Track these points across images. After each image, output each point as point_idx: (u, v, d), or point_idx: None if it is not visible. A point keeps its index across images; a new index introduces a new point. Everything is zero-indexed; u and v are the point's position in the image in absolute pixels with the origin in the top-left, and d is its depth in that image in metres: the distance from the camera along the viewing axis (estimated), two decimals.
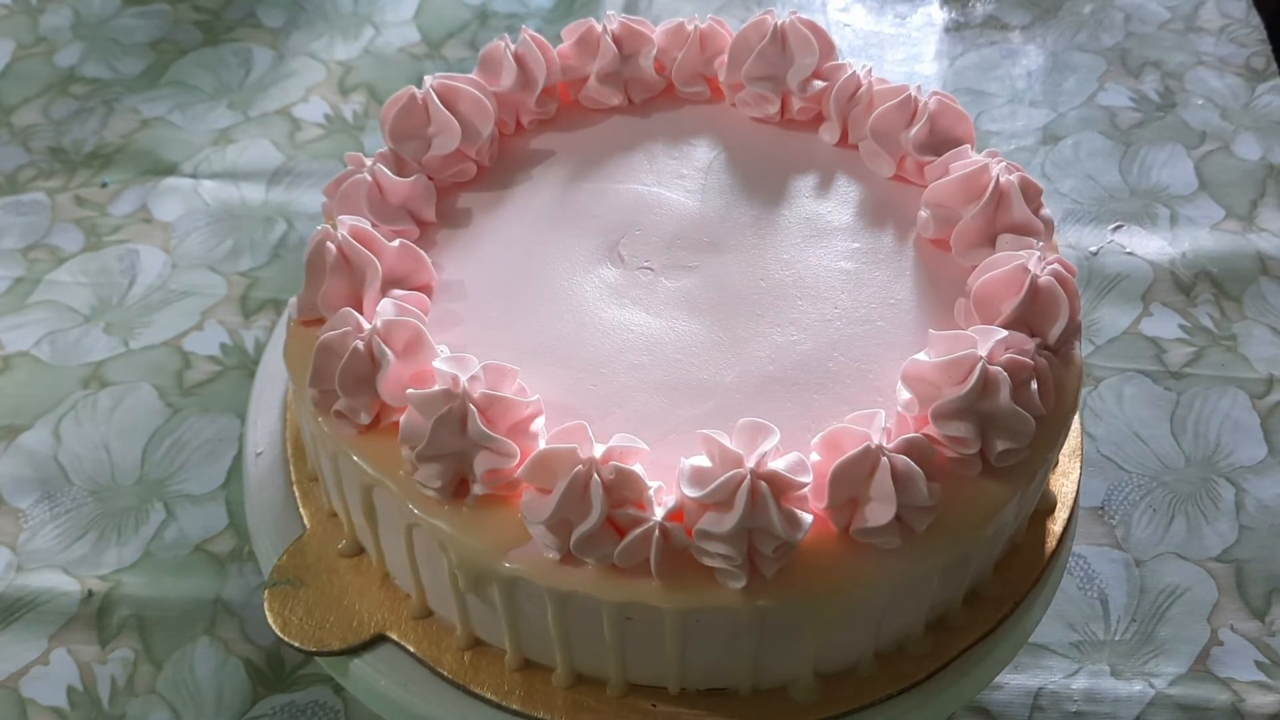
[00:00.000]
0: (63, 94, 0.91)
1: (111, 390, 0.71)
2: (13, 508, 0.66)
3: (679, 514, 0.44)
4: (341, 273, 0.50)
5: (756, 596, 0.43)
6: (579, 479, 0.43)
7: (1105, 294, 0.77)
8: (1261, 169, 0.85)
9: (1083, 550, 0.65)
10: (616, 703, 0.48)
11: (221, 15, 0.98)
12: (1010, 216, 0.52)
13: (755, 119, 0.60)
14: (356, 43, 0.95)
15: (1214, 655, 0.61)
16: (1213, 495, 0.67)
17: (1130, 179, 0.85)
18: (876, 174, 0.57)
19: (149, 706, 0.59)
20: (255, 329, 0.75)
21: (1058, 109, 0.90)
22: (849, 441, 0.44)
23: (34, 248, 0.79)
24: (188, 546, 0.64)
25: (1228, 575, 0.64)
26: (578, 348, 0.50)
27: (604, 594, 0.44)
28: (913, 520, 0.44)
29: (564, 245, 0.54)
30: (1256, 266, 0.78)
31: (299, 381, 0.49)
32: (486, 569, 0.45)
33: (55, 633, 0.61)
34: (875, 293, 0.52)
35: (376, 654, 0.50)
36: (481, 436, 0.44)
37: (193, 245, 0.80)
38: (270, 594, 0.51)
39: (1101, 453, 0.69)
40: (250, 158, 0.86)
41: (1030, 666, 0.60)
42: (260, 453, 0.57)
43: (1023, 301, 0.48)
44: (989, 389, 0.45)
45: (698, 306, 0.52)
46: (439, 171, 0.56)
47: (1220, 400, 0.71)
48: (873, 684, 0.49)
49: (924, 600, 0.48)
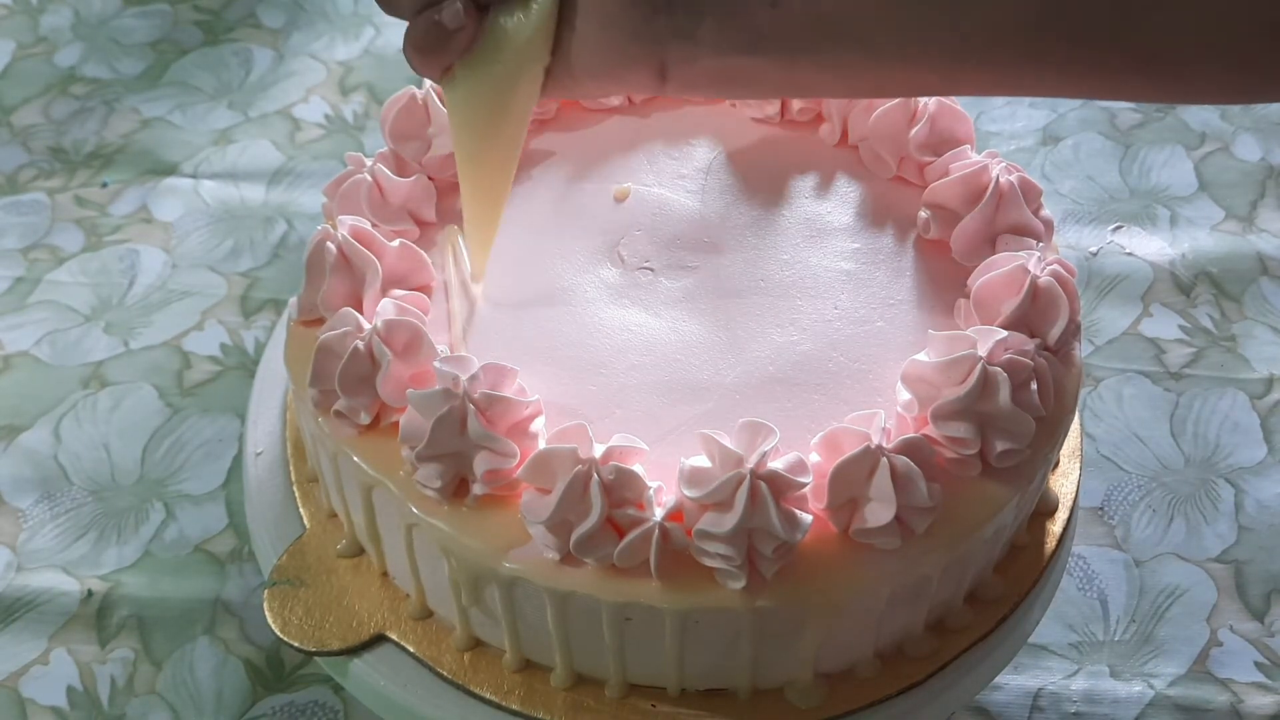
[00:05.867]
0: (63, 94, 0.91)
1: (111, 390, 0.71)
2: (13, 508, 0.66)
3: (679, 514, 0.44)
4: (341, 273, 0.50)
5: (756, 597, 0.43)
6: (579, 479, 0.43)
7: (1105, 294, 0.77)
8: (1261, 170, 0.85)
9: (1082, 551, 0.65)
10: (616, 703, 0.48)
11: (222, 15, 0.98)
12: (1010, 217, 0.52)
13: (755, 119, 0.60)
14: (357, 43, 0.95)
15: (1213, 656, 0.61)
16: (1212, 496, 0.67)
17: (1130, 180, 0.85)
18: (876, 174, 0.57)
19: (149, 706, 0.59)
20: (255, 329, 0.75)
21: (1057, 110, 0.90)
22: (849, 442, 0.44)
23: (34, 248, 0.79)
24: (188, 546, 0.64)
25: (1227, 576, 0.64)
26: (578, 348, 0.50)
27: (604, 594, 0.44)
28: (912, 521, 0.44)
29: (564, 245, 0.54)
30: (1256, 267, 0.78)
31: (299, 381, 0.49)
32: (486, 569, 0.45)
33: (55, 633, 0.61)
34: (875, 293, 0.52)
35: (376, 654, 0.50)
36: (481, 436, 0.44)
37: (193, 245, 0.80)
38: (270, 594, 0.51)
39: (1101, 453, 0.69)
40: (250, 158, 0.86)
41: (1030, 667, 0.60)
42: (260, 453, 0.57)
43: (1023, 302, 0.48)
44: (989, 389, 0.45)
45: (698, 307, 0.52)
46: (439, 171, 0.56)
47: (1220, 401, 0.71)
48: (872, 684, 0.49)
49: (924, 601, 0.48)
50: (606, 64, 0.45)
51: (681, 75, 0.44)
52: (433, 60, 0.46)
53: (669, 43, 0.43)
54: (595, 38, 0.44)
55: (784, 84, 0.45)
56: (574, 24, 0.44)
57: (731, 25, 0.42)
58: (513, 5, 0.45)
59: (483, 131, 0.48)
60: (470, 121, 0.48)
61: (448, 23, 0.44)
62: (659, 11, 0.42)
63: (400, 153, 0.55)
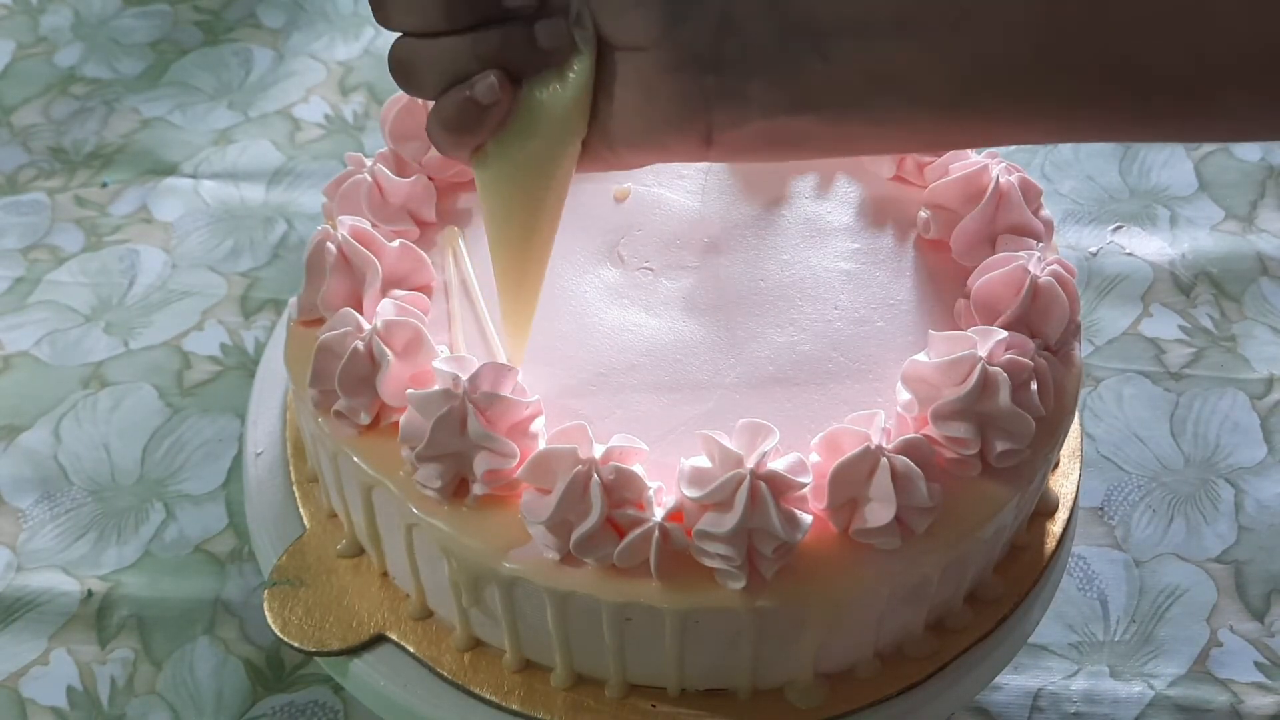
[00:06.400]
0: (63, 94, 0.91)
1: (111, 390, 0.71)
2: (13, 508, 0.66)
3: (679, 514, 0.44)
4: (341, 273, 0.50)
5: (756, 597, 0.43)
6: (579, 479, 0.43)
7: (1105, 294, 0.77)
8: (1261, 170, 0.85)
9: (1082, 551, 0.65)
10: (616, 703, 0.48)
11: (222, 15, 0.98)
12: (1010, 217, 0.52)
13: None
14: (357, 43, 0.95)
15: (1213, 656, 0.61)
16: (1212, 496, 0.67)
17: (1130, 180, 0.85)
18: (876, 174, 0.57)
19: (149, 707, 0.59)
20: (255, 329, 0.75)
21: None
22: (849, 442, 0.44)
23: (34, 248, 0.79)
24: (188, 546, 0.64)
25: (1227, 576, 0.64)
26: (578, 348, 0.50)
27: (604, 594, 0.44)
28: (912, 521, 0.44)
29: (564, 246, 0.54)
30: (1256, 267, 0.78)
31: (299, 382, 0.49)
32: (486, 569, 0.45)
33: (55, 633, 0.61)
34: (875, 293, 0.52)
35: (376, 654, 0.50)
36: (481, 436, 0.44)
37: (193, 245, 0.80)
38: (270, 594, 0.51)
39: (1101, 453, 0.69)
40: (250, 158, 0.86)
41: (1030, 667, 0.60)
42: (260, 453, 0.57)
43: (1022, 302, 0.48)
44: (989, 390, 0.45)
45: (698, 307, 0.52)
46: (439, 172, 0.56)
47: (1220, 401, 0.71)
48: (872, 685, 0.49)
49: (924, 601, 0.48)
50: (649, 132, 0.42)
51: (728, 139, 0.42)
52: (464, 140, 0.42)
53: (715, 105, 0.41)
54: (636, 105, 0.42)
55: (834, 141, 0.42)
56: (612, 92, 0.42)
57: (782, 83, 0.40)
58: (548, 76, 0.42)
59: (519, 212, 0.45)
60: (505, 202, 0.45)
61: (481, 98, 0.41)
62: (706, 73, 0.40)
63: (400, 153, 0.55)
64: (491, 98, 0.41)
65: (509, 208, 0.45)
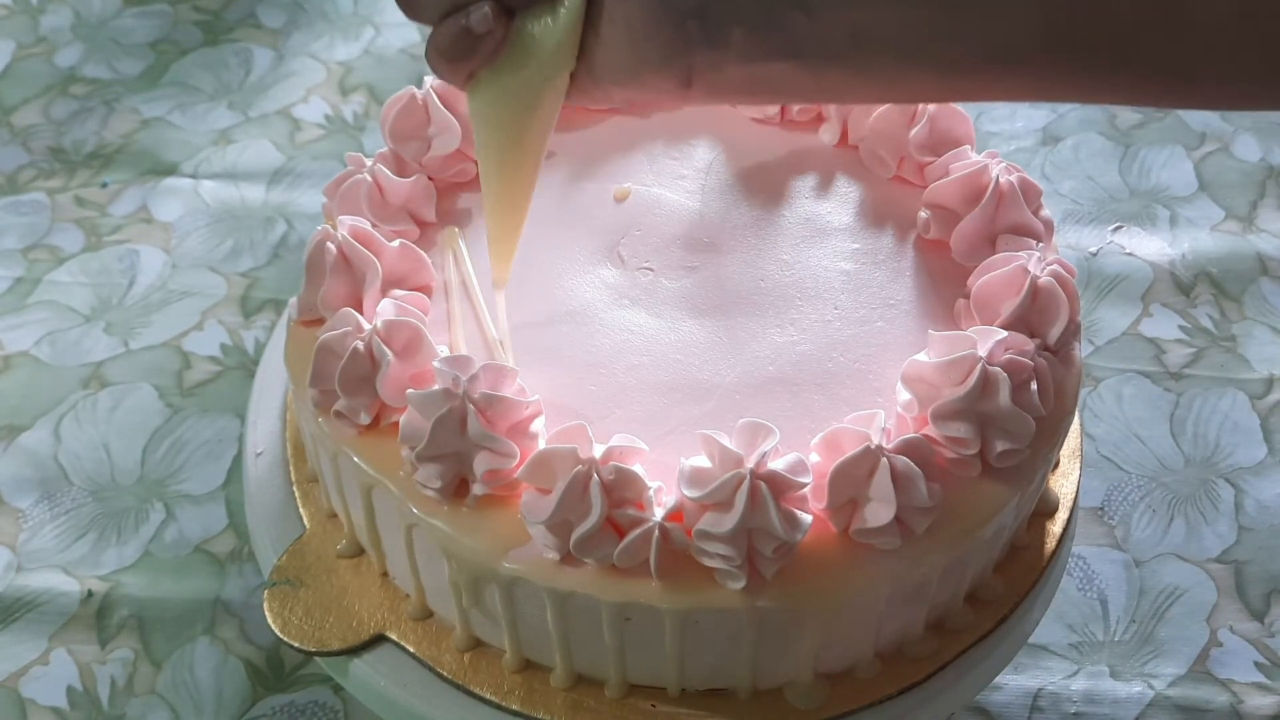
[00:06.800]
0: (63, 94, 0.91)
1: (111, 390, 0.71)
2: (13, 508, 0.66)
3: (679, 514, 0.44)
4: (341, 273, 0.50)
5: (756, 597, 0.43)
6: (579, 479, 0.43)
7: (1105, 294, 0.77)
8: (1261, 170, 0.85)
9: (1082, 551, 0.65)
10: (616, 703, 0.48)
11: (221, 15, 0.98)
12: (1010, 217, 0.52)
13: (755, 119, 0.60)
14: (357, 43, 0.95)
15: (1213, 656, 0.61)
16: (1212, 496, 0.67)
17: (1130, 180, 0.85)
18: (876, 174, 0.57)
19: (148, 707, 0.59)
20: (255, 329, 0.75)
21: (1057, 110, 0.90)
22: (849, 442, 0.44)
23: (34, 248, 0.79)
24: (187, 547, 0.64)
25: (1227, 576, 0.64)
26: (578, 348, 0.50)
27: (603, 594, 0.44)
28: (912, 521, 0.44)
29: (564, 245, 0.54)
30: (1256, 267, 0.78)
31: (299, 382, 0.49)
32: (486, 569, 0.45)
33: (55, 633, 0.61)
34: (875, 293, 0.52)
35: (376, 654, 0.50)
36: (481, 437, 0.44)
37: (193, 245, 0.80)
38: (270, 594, 0.51)
39: (1101, 453, 0.69)
40: (250, 158, 0.86)
41: (1030, 667, 0.60)
42: (260, 453, 0.57)
43: (1022, 302, 0.48)
44: (989, 390, 0.45)
45: (698, 307, 0.52)
46: (439, 172, 0.56)
47: (1220, 401, 0.71)
48: (872, 685, 0.49)
49: (923, 601, 0.48)
50: (632, 70, 0.44)
51: (707, 82, 0.43)
52: (458, 66, 0.45)
53: (697, 49, 0.42)
54: (622, 44, 0.44)
55: (813, 90, 0.44)
56: (600, 30, 0.44)
57: (764, 33, 0.41)
58: (540, 10, 0.44)
59: (507, 138, 0.47)
60: (495, 128, 0.47)
61: (475, 28, 0.43)
62: (689, 17, 0.42)
63: (400, 153, 0.55)
64: (485, 27, 0.43)
65: (498, 134, 0.47)
